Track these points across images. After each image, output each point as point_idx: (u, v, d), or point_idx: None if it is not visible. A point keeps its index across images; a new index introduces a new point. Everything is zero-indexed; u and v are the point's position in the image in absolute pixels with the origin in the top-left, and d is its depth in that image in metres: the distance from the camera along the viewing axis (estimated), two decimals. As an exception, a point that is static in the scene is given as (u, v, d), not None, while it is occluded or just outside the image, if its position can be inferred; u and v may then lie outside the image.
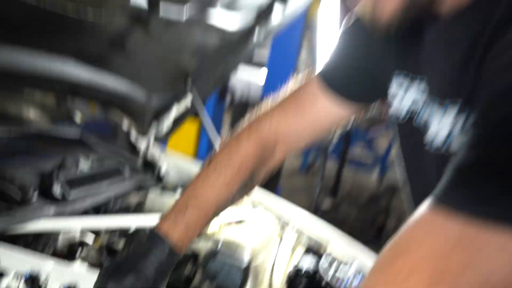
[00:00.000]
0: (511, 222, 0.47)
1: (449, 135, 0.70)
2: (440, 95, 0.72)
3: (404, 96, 0.83)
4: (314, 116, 1.02)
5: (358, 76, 0.97)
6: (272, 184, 4.40)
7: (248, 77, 6.20)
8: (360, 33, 0.93)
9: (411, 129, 0.83)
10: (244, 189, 1.06)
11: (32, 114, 2.00)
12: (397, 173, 1.11)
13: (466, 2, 0.66)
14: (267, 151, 1.05)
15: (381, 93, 0.92)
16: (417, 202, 0.56)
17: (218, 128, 4.60)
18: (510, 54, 0.54)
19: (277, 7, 1.64)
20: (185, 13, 1.34)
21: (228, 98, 5.30)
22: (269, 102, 1.09)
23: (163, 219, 0.98)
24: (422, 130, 0.78)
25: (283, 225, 1.61)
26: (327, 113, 1.00)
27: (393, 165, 5.55)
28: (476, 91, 0.58)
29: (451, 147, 0.68)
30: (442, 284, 0.49)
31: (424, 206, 0.51)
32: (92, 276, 0.94)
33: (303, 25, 4.29)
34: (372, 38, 0.87)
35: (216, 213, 1.03)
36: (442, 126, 0.73)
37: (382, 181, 6.18)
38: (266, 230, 1.52)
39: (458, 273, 0.49)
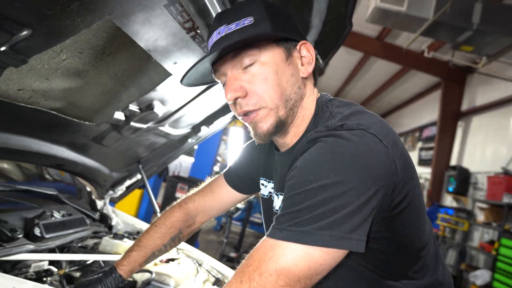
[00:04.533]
0: (294, 242, 0.60)
1: (280, 205, 0.85)
2: (277, 189, 0.89)
3: (265, 189, 0.98)
4: (220, 198, 1.13)
5: (244, 178, 1.09)
6: (192, 239, 4.39)
7: (180, 159, 6.32)
8: (249, 152, 1.08)
9: (267, 202, 0.96)
10: (173, 241, 1.15)
11: (14, 174, 1.94)
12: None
13: (290, 144, 0.81)
14: (190, 219, 1.15)
15: (256, 188, 1.07)
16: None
17: (156, 195, 4.56)
18: (292, 174, 0.67)
19: (204, 128, 1.84)
20: (146, 125, 1.47)
21: (165, 172, 5.29)
22: (195, 188, 1.19)
23: (121, 258, 1.08)
24: (271, 202, 0.92)
25: (198, 266, 1.63)
26: (228, 197, 1.13)
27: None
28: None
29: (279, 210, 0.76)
30: (266, 265, 0.60)
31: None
32: None
33: (221, 130, 4.64)
34: (253, 156, 1.04)
35: (153, 254, 1.11)
36: (278, 201, 0.88)
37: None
38: (186, 268, 1.54)
39: (276, 262, 0.59)
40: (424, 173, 9.60)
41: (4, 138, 1.14)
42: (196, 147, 5.10)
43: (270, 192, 0.95)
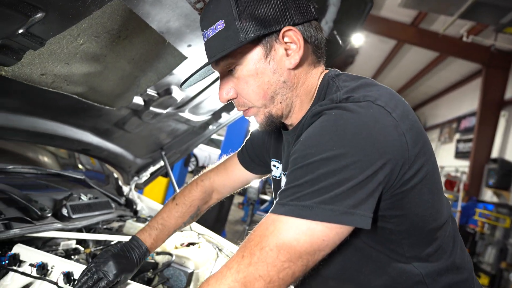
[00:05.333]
0: (295, 216, 0.59)
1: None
2: (284, 168, 0.88)
3: (277, 170, 0.97)
4: (233, 177, 1.15)
5: (256, 159, 1.10)
6: (219, 229, 4.47)
7: (208, 151, 6.45)
8: (260, 132, 1.08)
9: (278, 183, 0.95)
10: (192, 219, 1.18)
11: (49, 161, 2.07)
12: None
13: (295, 122, 0.79)
14: (207, 196, 1.17)
15: (268, 169, 1.06)
16: None
17: (181, 184, 4.68)
18: (295, 149, 0.65)
19: (224, 114, 1.85)
20: (166, 110, 1.51)
21: (193, 163, 5.40)
22: (212, 165, 1.22)
23: (142, 231, 1.12)
24: (281, 183, 0.92)
25: (218, 251, 1.66)
26: (240, 176, 1.14)
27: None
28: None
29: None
30: (267, 240, 0.59)
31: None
32: (83, 267, 1.01)
33: (247, 121, 4.62)
34: (264, 138, 1.05)
35: (174, 231, 1.16)
36: (284, 179, 0.88)
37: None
38: (206, 252, 1.57)
39: (277, 237, 0.59)
40: (461, 166, 9.12)
41: (32, 122, 1.21)
42: (222, 138, 5.14)
43: (281, 173, 0.94)
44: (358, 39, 8.10)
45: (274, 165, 0.98)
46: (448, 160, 10.42)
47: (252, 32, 0.69)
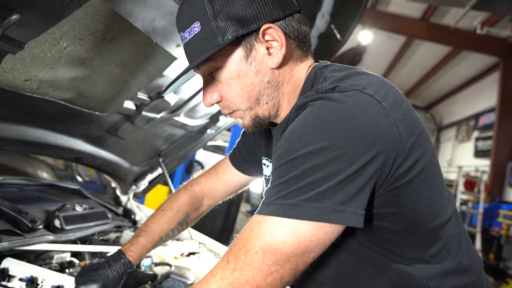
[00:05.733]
0: (280, 216, 0.57)
1: None
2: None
3: (267, 169, 0.95)
4: (225, 180, 1.13)
5: (248, 159, 1.08)
6: (227, 238, 4.44)
7: (215, 158, 6.47)
8: (250, 134, 1.06)
9: (268, 180, 0.92)
10: (181, 226, 1.16)
11: (45, 172, 2.08)
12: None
13: (282, 118, 0.78)
14: (197, 201, 1.16)
15: (261, 169, 1.03)
16: None
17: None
18: (279, 144, 0.64)
19: (222, 117, 1.83)
20: (159, 114, 1.50)
21: (197, 169, 5.43)
22: (202, 170, 1.20)
23: (127, 242, 1.11)
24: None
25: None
26: (233, 179, 1.13)
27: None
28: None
29: None
30: (252, 242, 0.58)
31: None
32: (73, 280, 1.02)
33: None
34: (256, 136, 1.03)
35: (160, 239, 1.13)
36: None
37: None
38: (207, 262, 1.55)
39: (262, 239, 0.57)
40: (481, 165, 8.93)
41: (20, 130, 1.21)
42: (227, 144, 5.13)
43: (270, 170, 0.92)
44: (365, 36, 8.05)
45: (265, 164, 0.96)
46: (467, 159, 10.22)
47: (229, 33, 0.67)
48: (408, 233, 0.65)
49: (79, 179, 2.17)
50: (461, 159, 10.58)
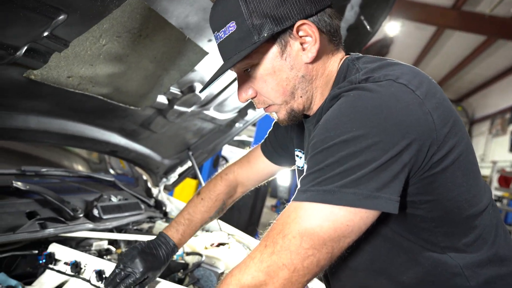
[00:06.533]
0: (317, 202, 0.58)
1: None
2: (306, 157, 0.85)
3: (300, 160, 0.98)
4: (257, 169, 1.17)
5: (279, 150, 1.10)
6: (252, 231, 4.50)
7: (239, 152, 6.55)
8: (281, 127, 1.08)
9: (301, 172, 0.96)
10: (218, 213, 1.21)
11: (81, 165, 2.19)
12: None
13: (314, 111, 0.81)
14: (232, 189, 1.19)
15: (292, 160, 1.05)
16: None
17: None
18: (314, 134, 0.66)
19: (250, 111, 1.87)
20: (190, 108, 1.55)
21: (222, 164, 5.49)
22: (236, 158, 1.24)
23: (168, 227, 1.16)
24: (303, 171, 0.89)
25: (248, 251, 1.65)
26: (264, 168, 1.16)
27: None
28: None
29: None
30: (289, 227, 0.60)
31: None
32: (114, 265, 1.06)
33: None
34: (287, 128, 1.04)
35: (200, 226, 1.18)
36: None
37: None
38: (236, 252, 1.59)
39: (300, 224, 0.59)
40: (518, 161, 8.50)
41: (62, 124, 1.29)
42: (252, 140, 5.15)
43: (304, 163, 0.94)
44: (392, 28, 7.82)
45: (297, 155, 0.98)
46: (502, 154, 9.76)
47: (265, 31, 0.69)
48: (442, 222, 0.66)
49: (112, 171, 2.27)
50: (495, 154, 10.12)
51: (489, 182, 7.36)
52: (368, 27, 1.36)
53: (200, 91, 0.83)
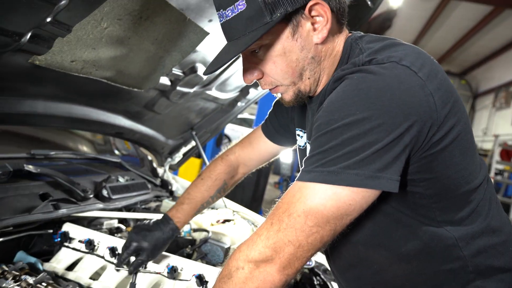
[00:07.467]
0: (321, 182, 0.60)
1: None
2: (309, 137, 0.89)
3: (301, 140, 0.99)
4: (258, 150, 1.18)
5: (280, 130, 1.11)
6: (257, 207, 4.59)
7: (241, 131, 6.58)
8: (282, 105, 1.04)
9: (303, 153, 0.97)
10: (219, 193, 1.23)
11: (86, 147, 2.23)
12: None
13: (318, 92, 0.81)
14: (233, 170, 1.21)
15: (293, 139, 1.08)
16: None
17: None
18: (318, 116, 0.67)
19: (252, 90, 1.87)
20: (192, 89, 1.56)
21: (227, 145, 5.54)
22: (233, 142, 1.26)
23: (171, 208, 1.19)
24: (306, 152, 0.94)
25: (253, 227, 1.71)
26: (266, 148, 1.17)
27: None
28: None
29: None
30: (294, 206, 0.62)
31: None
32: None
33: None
34: (288, 108, 1.03)
35: (201, 206, 1.20)
36: (309, 147, 0.88)
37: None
38: (241, 228, 1.64)
39: (304, 203, 0.61)
40: (522, 134, 8.46)
41: (68, 108, 1.31)
42: (254, 117, 5.13)
43: (305, 142, 0.96)
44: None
45: (299, 135, 0.99)
46: (504, 127, 9.71)
47: (278, 11, 0.66)
48: (440, 198, 0.68)
49: (117, 153, 2.30)
50: (498, 128, 10.06)
51: (491, 155, 7.37)
52: (369, 2, 1.35)
53: (205, 73, 0.82)
